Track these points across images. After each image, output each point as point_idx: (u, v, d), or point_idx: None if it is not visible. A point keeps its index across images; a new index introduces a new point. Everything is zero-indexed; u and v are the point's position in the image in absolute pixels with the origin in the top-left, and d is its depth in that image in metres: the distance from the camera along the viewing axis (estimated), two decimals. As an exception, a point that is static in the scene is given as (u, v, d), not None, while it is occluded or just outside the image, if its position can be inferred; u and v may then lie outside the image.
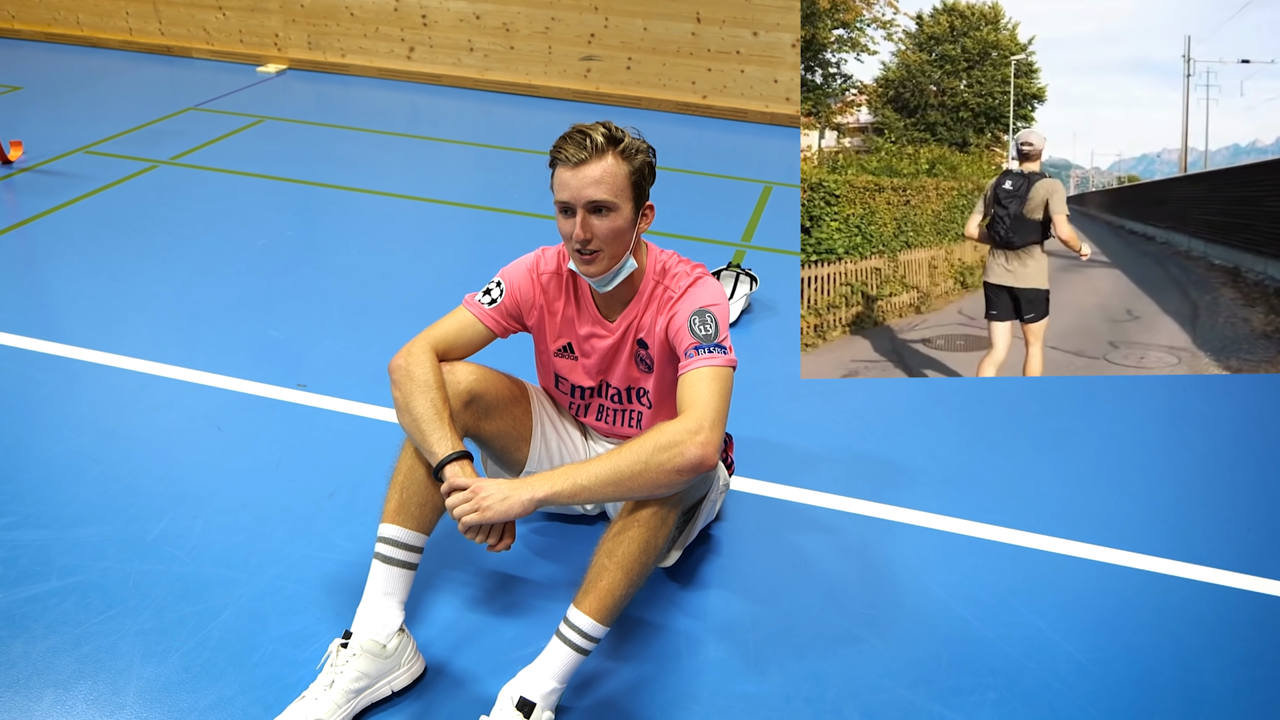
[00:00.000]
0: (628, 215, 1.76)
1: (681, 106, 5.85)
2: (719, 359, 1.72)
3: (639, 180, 1.77)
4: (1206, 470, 2.62)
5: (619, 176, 1.73)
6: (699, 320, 1.76)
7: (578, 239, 1.74)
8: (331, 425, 2.59)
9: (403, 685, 1.77)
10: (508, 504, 1.61)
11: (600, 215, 1.73)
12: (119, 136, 4.83)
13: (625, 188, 1.74)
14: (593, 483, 1.62)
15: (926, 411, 2.83)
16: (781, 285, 3.53)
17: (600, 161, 1.71)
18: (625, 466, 1.61)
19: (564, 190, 1.73)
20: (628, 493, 1.64)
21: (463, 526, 1.64)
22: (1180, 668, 1.95)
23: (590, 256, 1.77)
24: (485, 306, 1.93)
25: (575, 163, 1.71)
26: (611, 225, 1.74)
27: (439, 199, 4.31)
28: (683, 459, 1.60)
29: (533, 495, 1.61)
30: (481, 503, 1.62)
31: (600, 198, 1.71)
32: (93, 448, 2.43)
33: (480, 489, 1.63)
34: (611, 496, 1.65)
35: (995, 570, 2.20)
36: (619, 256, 1.80)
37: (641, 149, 1.78)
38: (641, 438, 1.64)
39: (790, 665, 1.91)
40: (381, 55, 6.24)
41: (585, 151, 1.70)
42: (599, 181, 1.71)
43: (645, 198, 1.81)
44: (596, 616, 1.66)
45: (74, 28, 6.66)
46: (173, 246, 3.64)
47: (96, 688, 1.77)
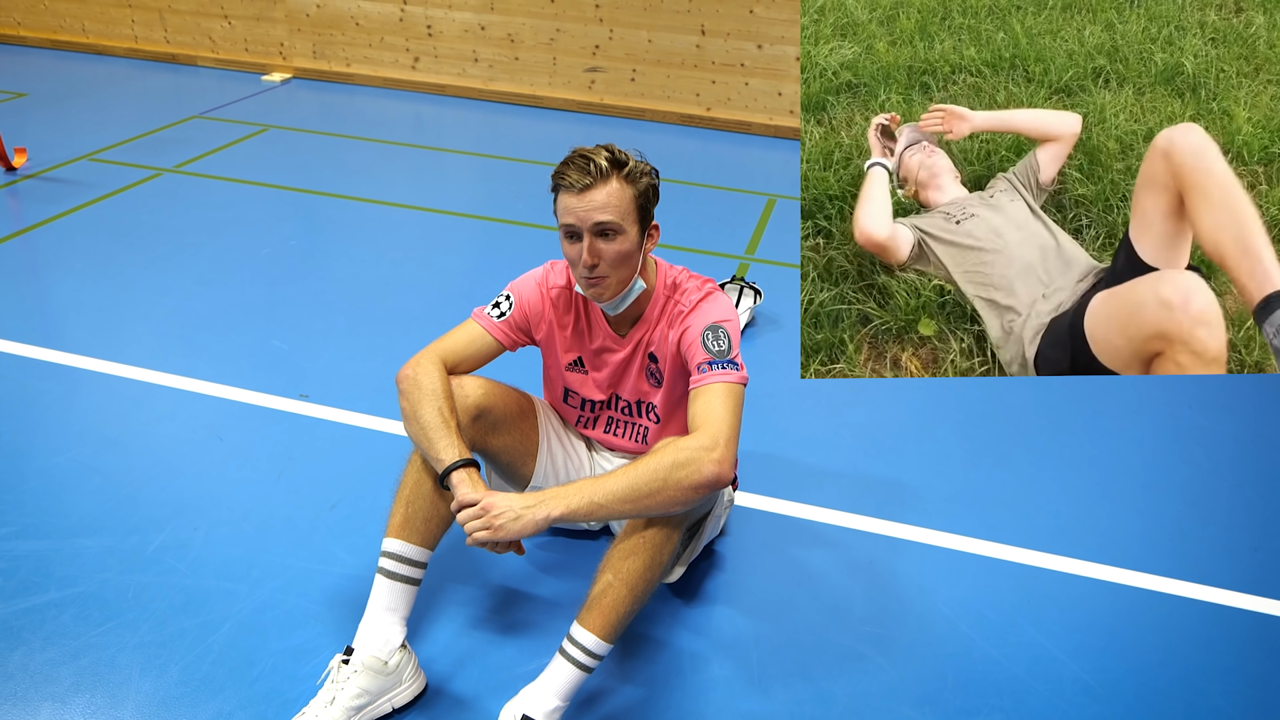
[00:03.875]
0: (634, 238, 1.76)
1: (685, 119, 5.85)
2: (732, 375, 1.72)
3: (644, 203, 1.77)
4: (1212, 488, 2.61)
5: (624, 200, 1.72)
6: (712, 336, 1.76)
7: (585, 264, 1.73)
8: (333, 436, 2.58)
9: (404, 702, 1.75)
10: (521, 523, 1.59)
11: (607, 239, 1.73)
12: (123, 144, 4.84)
13: (631, 211, 1.73)
14: (608, 500, 1.60)
15: (931, 426, 2.82)
16: (785, 298, 3.52)
17: (605, 186, 1.70)
18: (642, 484, 1.60)
19: (569, 215, 1.72)
20: (643, 510, 1.63)
21: (472, 542, 1.63)
22: (1187, 689, 1.94)
23: (597, 281, 1.76)
24: (494, 319, 1.92)
25: (580, 188, 1.70)
26: (619, 249, 1.73)
27: (443, 209, 4.31)
28: (699, 476, 1.59)
29: (548, 514, 1.59)
30: (494, 521, 1.60)
31: (607, 220, 1.70)
32: (94, 457, 2.42)
33: (492, 506, 1.61)
34: (627, 514, 1.63)
35: (1001, 588, 2.18)
36: (626, 281, 1.79)
37: (645, 171, 1.77)
38: (655, 455, 1.62)
39: (795, 684, 1.90)
40: (386, 65, 6.26)
41: (590, 176, 1.69)
42: (604, 206, 1.70)
43: (650, 219, 1.81)
44: (600, 634, 1.65)
45: (79, 35, 6.67)
46: (176, 255, 3.64)
47: (95, 701, 1.75)
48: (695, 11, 5.60)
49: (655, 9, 5.65)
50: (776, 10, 5.48)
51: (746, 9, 5.52)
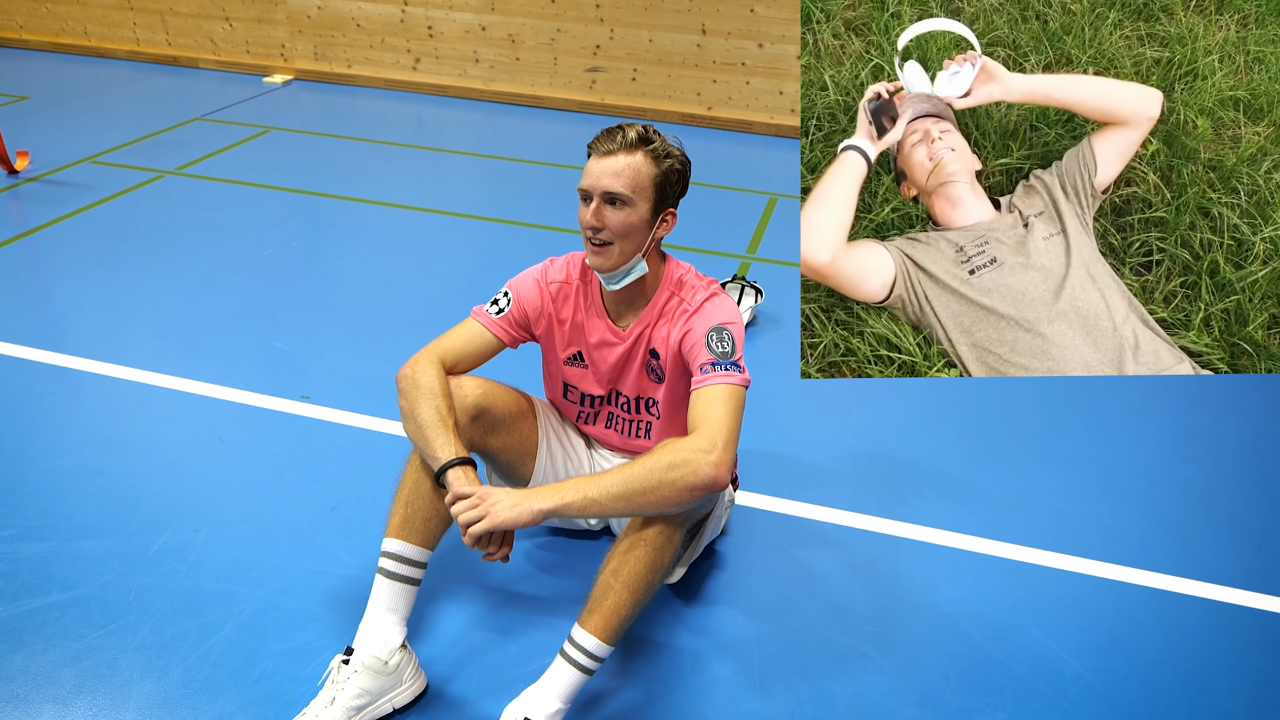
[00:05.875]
0: (643, 214, 1.77)
1: (686, 118, 5.85)
2: (734, 378, 1.72)
3: (662, 184, 1.78)
4: (1215, 486, 2.60)
5: (641, 174, 1.75)
6: (716, 337, 1.76)
7: (589, 225, 1.76)
8: (334, 438, 2.58)
9: (404, 703, 1.75)
10: (516, 511, 1.59)
11: (615, 207, 1.75)
12: (125, 146, 4.84)
13: (646, 187, 1.76)
14: (603, 497, 1.61)
15: (933, 425, 2.82)
16: (786, 298, 3.52)
17: (626, 156, 1.74)
18: (637, 482, 1.60)
19: (586, 177, 1.77)
20: (637, 509, 1.63)
21: (468, 536, 1.62)
22: (1190, 688, 1.93)
23: (600, 248, 1.78)
24: (493, 317, 1.92)
25: (603, 153, 1.75)
26: (624, 220, 1.75)
27: (444, 210, 4.31)
28: (695, 477, 1.59)
29: (541, 506, 1.60)
30: (490, 508, 1.60)
31: (616, 189, 1.73)
32: (95, 459, 2.42)
33: (487, 495, 1.62)
34: (621, 512, 1.63)
35: (1003, 587, 2.18)
36: (630, 255, 1.80)
37: (674, 155, 1.80)
38: (653, 454, 1.63)
39: (796, 684, 1.89)
40: (387, 66, 6.26)
41: (615, 144, 1.74)
42: (619, 174, 1.73)
43: (667, 203, 1.82)
44: (602, 636, 1.65)
45: (81, 38, 6.68)
46: (177, 257, 3.64)
47: (96, 703, 1.75)
48: (696, 11, 5.59)
49: (656, 9, 5.65)
50: (777, 9, 5.47)
51: (747, 8, 5.51)
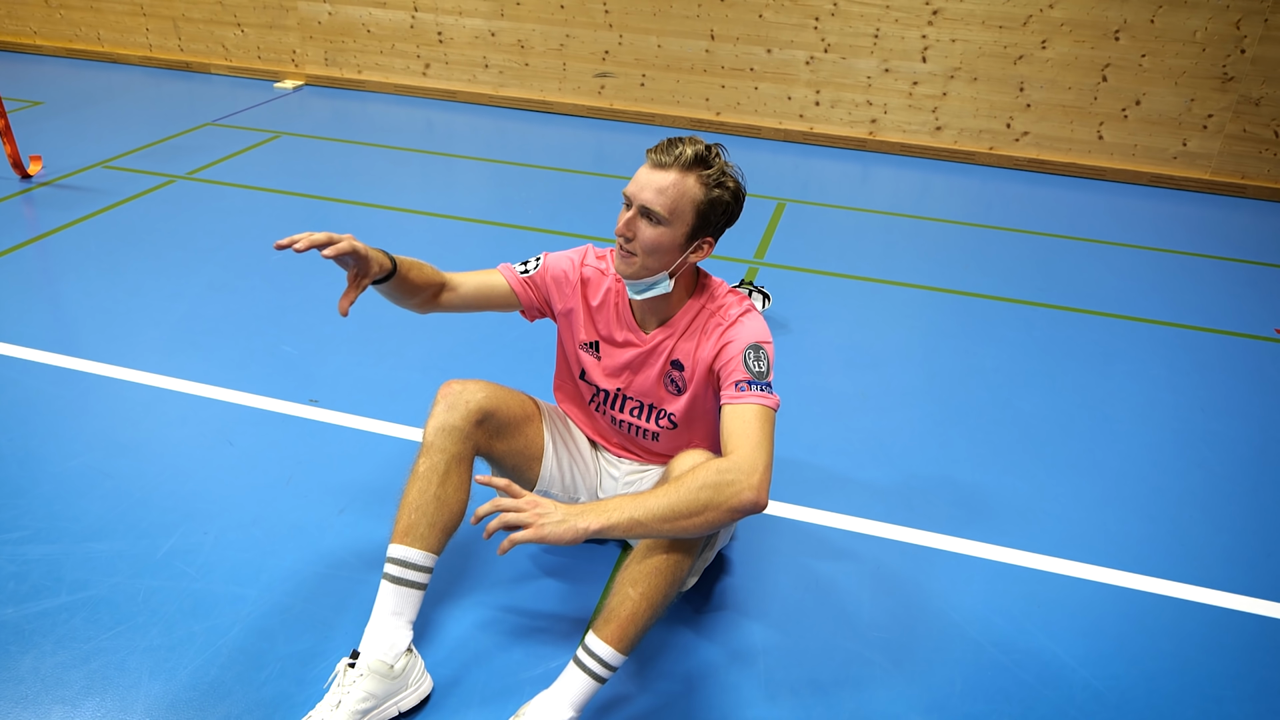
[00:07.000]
0: (676, 237, 1.74)
1: (695, 123, 5.86)
2: (770, 400, 1.71)
3: (706, 211, 1.74)
4: (1224, 493, 2.59)
5: (685, 197, 1.71)
6: (754, 356, 1.75)
7: (620, 230, 1.76)
8: (342, 441, 2.59)
9: (410, 706, 1.75)
10: (563, 528, 1.55)
11: (649, 222, 1.73)
12: (137, 151, 4.88)
13: (686, 211, 1.73)
14: (647, 518, 1.57)
15: (941, 431, 2.81)
16: (794, 303, 3.52)
17: (678, 174, 1.71)
18: (682, 505, 1.57)
19: (633, 183, 1.74)
20: (680, 531, 1.60)
21: (508, 541, 1.53)
22: (1199, 696, 1.92)
23: (627, 254, 1.78)
24: (518, 273, 1.94)
25: (655, 164, 1.72)
26: (655, 237, 1.73)
27: (453, 214, 4.33)
28: (739, 500, 1.58)
29: (587, 525, 1.56)
30: (541, 519, 1.55)
31: (654, 206, 1.71)
32: (105, 462, 2.44)
33: (537, 504, 1.58)
34: (665, 533, 1.61)
35: (1010, 594, 2.17)
36: (653, 270, 1.78)
37: (726, 187, 1.75)
38: (694, 475, 1.60)
39: (804, 691, 1.89)
40: (397, 71, 6.29)
41: (670, 158, 1.71)
42: (662, 190, 1.70)
43: (706, 231, 1.78)
44: (617, 646, 1.64)
45: (95, 44, 6.73)
46: (188, 261, 3.66)
47: (105, 704, 1.76)
48: (704, 16, 5.60)
49: (664, 14, 5.66)
50: (785, 15, 5.48)
51: (755, 14, 5.52)
